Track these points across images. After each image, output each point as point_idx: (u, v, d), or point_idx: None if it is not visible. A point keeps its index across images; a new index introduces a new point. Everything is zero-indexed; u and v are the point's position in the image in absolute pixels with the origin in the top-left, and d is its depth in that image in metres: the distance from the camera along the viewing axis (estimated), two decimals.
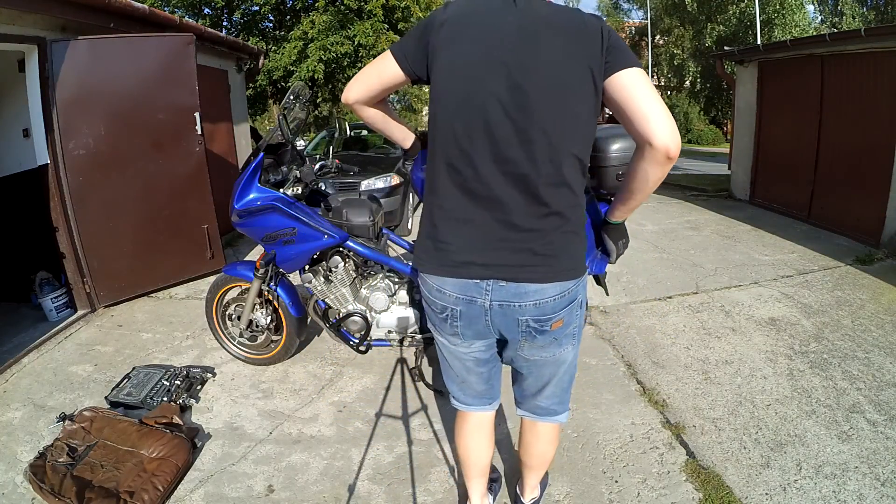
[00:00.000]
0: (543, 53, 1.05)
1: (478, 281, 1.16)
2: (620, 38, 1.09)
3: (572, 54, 1.05)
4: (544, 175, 1.09)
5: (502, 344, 1.34)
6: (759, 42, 12.31)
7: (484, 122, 1.08)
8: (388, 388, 2.55)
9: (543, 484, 1.75)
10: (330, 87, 13.37)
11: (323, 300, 2.46)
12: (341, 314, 2.42)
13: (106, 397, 2.41)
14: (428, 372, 2.62)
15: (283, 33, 12.96)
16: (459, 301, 1.20)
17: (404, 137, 1.52)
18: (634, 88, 1.03)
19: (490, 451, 1.54)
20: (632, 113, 1.03)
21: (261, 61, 6.60)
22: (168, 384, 2.42)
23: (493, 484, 1.76)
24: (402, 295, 2.41)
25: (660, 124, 1.01)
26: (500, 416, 2.19)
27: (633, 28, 28.30)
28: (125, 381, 2.50)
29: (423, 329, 2.41)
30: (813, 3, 18.47)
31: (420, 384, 2.46)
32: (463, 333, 1.27)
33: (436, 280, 1.22)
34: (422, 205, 1.30)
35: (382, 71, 1.20)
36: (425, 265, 1.23)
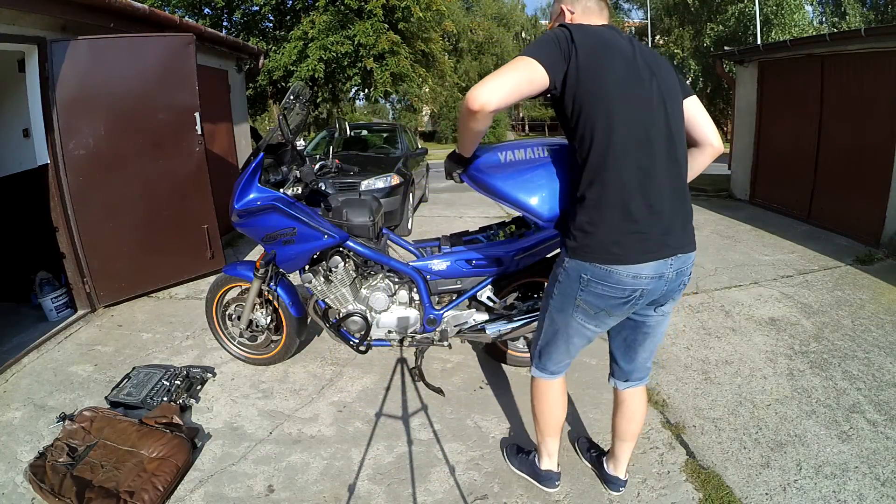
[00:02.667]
0: (668, 83, 1.42)
1: (669, 259, 1.40)
2: None
3: (673, 76, 1.46)
4: (683, 170, 1.45)
5: (635, 320, 1.59)
6: (758, 42, 12.31)
7: (664, 133, 1.38)
8: (388, 388, 2.55)
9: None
10: (330, 87, 13.37)
11: (323, 300, 2.46)
12: (341, 314, 2.42)
13: (106, 397, 2.41)
14: (428, 372, 2.62)
15: (283, 33, 12.97)
16: (652, 280, 1.40)
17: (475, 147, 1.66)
18: (701, 109, 1.55)
19: None
20: (701, 125, 1.55)
21: (261, 61, 6.60)
22: (168, 384, 2.42)
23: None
24: (402, 295, 2.41)
25: (716, 133, 1.56)
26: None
27: (633, 28, 28.30)
28: (125, 381, 2.50)
29: (423, 329, 2.41)
30: (811, 3, 18.47)
31: (420, 384, 2.46)
32: (637, 306, 1.48)
33: (632, 269, 1.37)
34: (583, 205, 1.40)
35: (534, 78, 1.31)
36: (627, 257, 1.37)
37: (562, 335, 1.60)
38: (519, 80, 1.30)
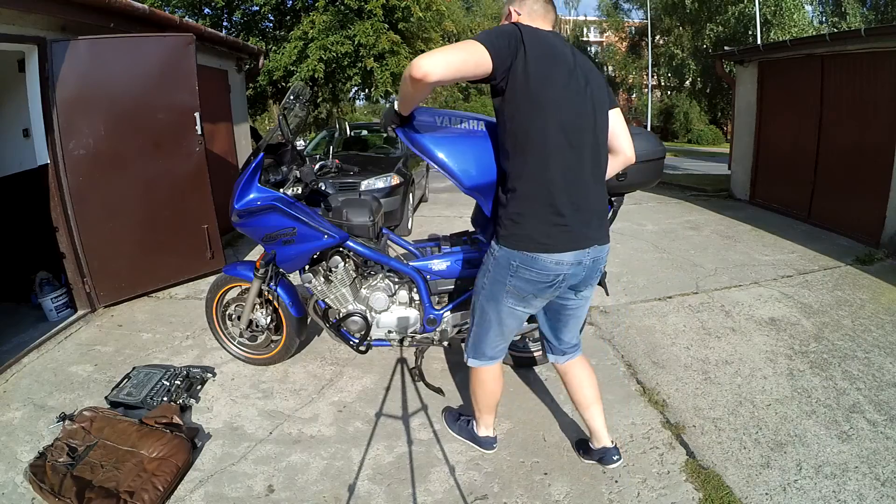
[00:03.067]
0: (599, 93, 1.56)
1: (587, 249, 1.56)
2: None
3: (604, 86, 1.61)
4: (603, 171, 1.62)
5: (559, 303, 1.76)
6: (758, 42, 12.31)
7: (592, 139, 1.53)
8: (388, 388, 2.55)
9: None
10: (330, 86, 13.36)
11: (323, 300, 2.46)
12: (341, 314, 2.42)
13: (106, 397, 2.41)
14: (428, 372, 2.62)
15: (283, 33, 12.95)
16: (572, 266, 1.56)
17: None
18: (621, 120, 1.69)
19: None
20: (618, 135, 1.69)
21: (261, 61, 6.60)
22: (168, 384, 2.42)
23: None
24: (402, 295, 2.41)
25: (630, 145, 1.72)
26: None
27: (633, 28, 28.29)
28: (125, 381, 2.50)
29: (423, 329, 2.41)
30: (811, 3, 18.47)
31: (420, 384, 2.46)
32: (560, 290, 1.64)
33: (556, 257, 1.53)
34: (514, 196, 1.53)
35: (480, 62, 1.38)
36: (552, 247, 1.52)
37: (495, 321, 1.74)
38: (465, 60, 1.36)
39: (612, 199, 2.29)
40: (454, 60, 1.34)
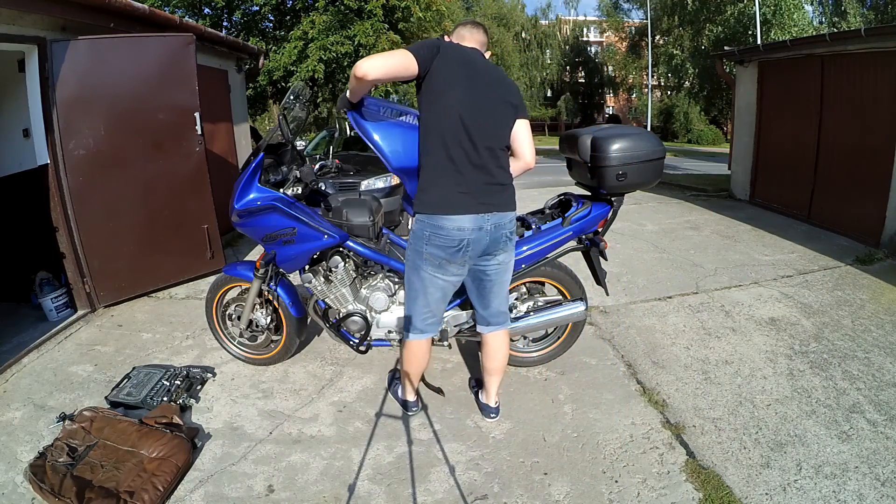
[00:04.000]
0: (501, 94, 1.92)
1: (485, 214, 1.86)
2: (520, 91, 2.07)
3: (511, 96, 1.96)
4: (501, 157, 1.93)
5: (477, 271, 2.02)
6: (758, 42, 12.31)
7: (490, 129, 1.88)
8: (387, 388, 2.55)
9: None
10: (330, 86, 13.37)
11: (323, 300, 2.46)
12: (341, 314, 2.42)
13: (106, 397, 2.41)
14: (428, 372, 2.61)
15: (283, 33, 12.97)
16: (474, 231, 1.85)
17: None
18: (525, 130, 2.02)
19: None
20: (521, 142, 2.01)
21: (261, 61, 6.60)
22: (168, 384, 2.42)
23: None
24: (402, 295, 2.41)
25: (531, 152, 2.04)
26: None
27: (633, 28, 28.28)
28: (125, 381, 2.50)
29: None
30: (811, 3, 18.47)
31: (420, 384, 2.46)
32: (470, 258, 1.92)
33: (456, 221, 1.82)
34: (423, 169, 1.89)
35: (408, 66, 1.74)
36: (452, 209, 1.82)
37: (420, 290, 1.99)
38: (398, 65, 1.73)
39: (612, 199, 2.30)
40: (390, 64, 1.71)
